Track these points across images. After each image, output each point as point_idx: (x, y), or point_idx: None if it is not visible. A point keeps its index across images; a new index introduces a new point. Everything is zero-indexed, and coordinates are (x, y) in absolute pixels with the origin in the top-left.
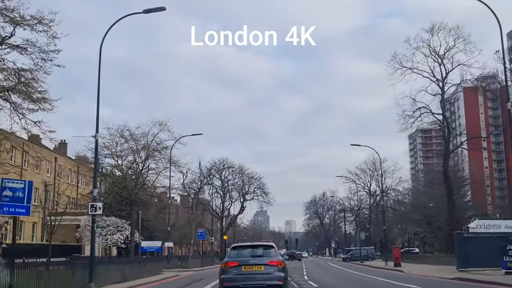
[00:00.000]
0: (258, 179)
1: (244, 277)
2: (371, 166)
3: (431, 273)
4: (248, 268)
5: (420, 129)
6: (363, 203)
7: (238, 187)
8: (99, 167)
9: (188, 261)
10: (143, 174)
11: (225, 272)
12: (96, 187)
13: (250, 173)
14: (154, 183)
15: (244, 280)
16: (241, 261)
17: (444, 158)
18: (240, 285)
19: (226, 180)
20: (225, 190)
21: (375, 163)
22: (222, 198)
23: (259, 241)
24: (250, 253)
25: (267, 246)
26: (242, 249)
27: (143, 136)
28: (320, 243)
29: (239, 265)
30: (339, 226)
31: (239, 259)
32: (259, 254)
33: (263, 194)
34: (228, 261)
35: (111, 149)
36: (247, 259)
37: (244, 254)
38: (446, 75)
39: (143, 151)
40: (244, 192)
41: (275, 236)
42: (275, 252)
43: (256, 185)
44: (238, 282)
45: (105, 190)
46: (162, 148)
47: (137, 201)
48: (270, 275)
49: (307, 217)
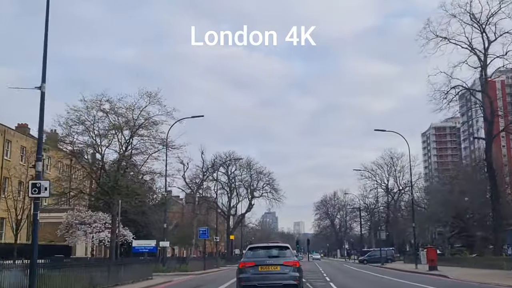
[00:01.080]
0: (268, 174)
1: (261, 276)
2: (389, 161)
3: (482, 279)
4: (264, 268)
5: (434, 126)
6: (380, 201)
7: (245, 183)
8: (72, 145)
9: (188, 264)
10: (126, 156)
11: (243, 272)
12: (40, 159)
13: (259, 168)
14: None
15: (261, 280)
16: (258, 261)
17: (487, 143)
18: (257, 284)
19: (233, 175)
20: (231, 186)
21: (393, 158)
22: (229, 195)
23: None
24: (266, 253)
25: (282, 247)
26: (258, 250)
27: (128, 110)
28: (331, 244)
29: (256, 265)
30: (350, 226)
31: (256, 259)
32: (275, 255)
33: (273, 190)
34: (245, 261)
35: (86, 125)
36: (263, 260)
37: (260, 254)
38: (488, 45)
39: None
40: (252, 188)
41: (284, 237)
42: (290, 253)
43: (265, 181)
44: (255, 281)
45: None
46: (151, 124)
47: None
48: (285, 275)
49: (317, 217)
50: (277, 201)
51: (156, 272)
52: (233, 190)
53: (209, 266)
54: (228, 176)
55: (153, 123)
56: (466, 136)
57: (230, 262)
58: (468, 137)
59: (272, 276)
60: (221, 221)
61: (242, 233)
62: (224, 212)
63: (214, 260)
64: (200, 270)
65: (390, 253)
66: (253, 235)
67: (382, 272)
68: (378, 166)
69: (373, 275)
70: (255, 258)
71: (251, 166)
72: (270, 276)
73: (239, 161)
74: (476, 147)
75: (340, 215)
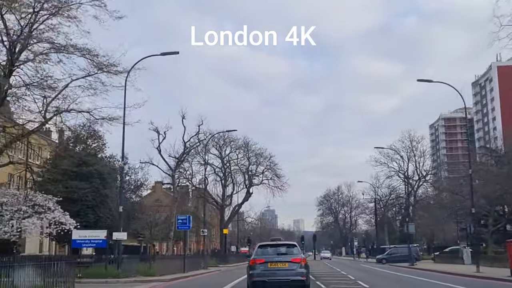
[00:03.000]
0: (269, 157)
1: (270, 272)
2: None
3: None
4: (273, 264)
5: (444, 117)
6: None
7: (243, 168)
8: None
9: (154, 264)
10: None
11: (253, 268)
12: None
13: (258, 150)
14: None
15: (270, 276)
16: (267, 258)
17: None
18: (267, 280)
19: (228, 159)
20: (226, 172)
21: (412, 141)
22: (223, 182)
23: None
24: (275, 251)
25: (290, 244)
26: (267, 248)
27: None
28: (334, 241)
29: (266, 262)
30: (356, 223)
31: (265, 256)
32: (283, 252)
33: (275, 177)
34: (256, 258)
35: None
36: (272, 257)
37: (270, 252)
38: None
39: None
40: (251, 174)
41: (284, 234)
42: (297, 251)
43: (265, 166)
44: (265, 277)
45: None
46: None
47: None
48: (293, 271)
49: (319, 213)
50: (279, 189)
51: (105, 277)
52: (228, 176)
53: (193, 267)
54: (222, 160)
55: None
56: (481, 127)
57: (224, 262)
58: (483, 127)
59: (280, 272)
60: (215, 214)
61: (238, 227)
62: (217, 203)
63: (201, 259)
64: (177, 273)
65: (414, 251)
66: (251, 230)
67: (436, 278)
68: (397, 151)
69: (441, 285)
70: (264, 255)
71: (249, 148)
72: (279, 272)
73: (236, 142)
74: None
75: (344, 210)
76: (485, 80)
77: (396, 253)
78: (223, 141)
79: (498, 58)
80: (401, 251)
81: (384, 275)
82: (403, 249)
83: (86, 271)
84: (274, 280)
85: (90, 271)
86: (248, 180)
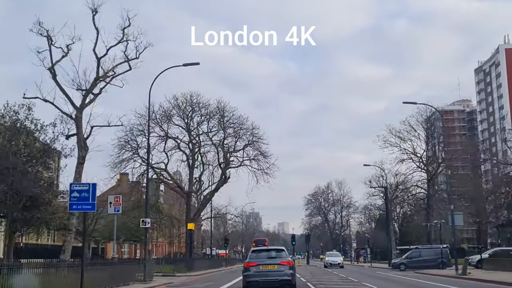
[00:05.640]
0: (251, 129)
1: (262, 273)
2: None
3: None
4: (264, 267)
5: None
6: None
7: (216, 143)
8: None
9: None
10: None
11: (248, 270)
12: None
13: (238, 119)
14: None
15: (262, 276)
16: (259, 261)
17: None
18: (259, 280)
19: (197, 132)
20: (194, 148)
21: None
22: (190, 162)
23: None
24: (266, 255)
25: (279, 249)
26: (259, 252)
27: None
28: (324, 243)
29: (258, 265)
30: (347, 223)
31: (258, 260)
32: (273, 256)
33: (260, 156)
34: (249, 261)
35: None
36: (264, 260)
37: (261, 256)
38: None
39: None
40: (227, 151)
41: (268, 236)
42: (285, 254)
43: (248, 140)
44: (258, 277)
45: None
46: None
47: None
48: (282, 272)
49: (307, 213)
50: (265, 173)
51: None
52: (197, 155)
53: (124, 278)
54: (189, 133)
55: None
56: (485, 117)
57: (189, 268)
58: (487, 118)
59: (271, 273)
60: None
61: (212, 223)
62: (181, 188)
63: (135, 267)
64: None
65: (444, 254)
66: (232, 230)
67: None
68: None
69: None
70: (257, 259)
71: (224, 116)
72: (269, 273)
73: (207, 108)
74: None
75: (335, 210)
76: (491, 65)
77: (418, 257)
78: (191, 108)
79: (506, 40)
80: (425, 253)
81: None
82: (427, 251)
83: None
84: (265, 280)
85: None
86: (224, 159)
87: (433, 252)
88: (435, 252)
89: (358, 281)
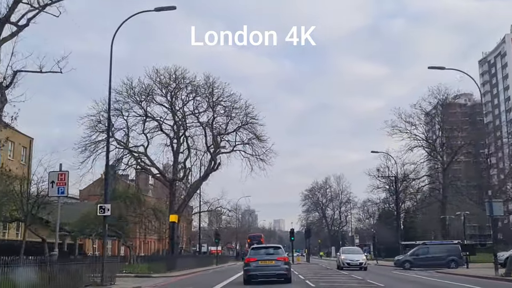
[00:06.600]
0: (245, 108)
1: (261, 268)
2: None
3: None
4: (263, 262)
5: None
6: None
7: (204, 124)
8: None
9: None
10: None
11: (248, 265)
12: None
13: (230, 97)
14: None
15: (261, 270)
16: (259, 257)
17: None
18: (258, 274)
19: (182, 112)
20: (179, 130)
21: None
22: (175, 146)
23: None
24: (264, 252)
25: (276, 247)
26: (259, 249)
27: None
28: (321, 240)
29: (257, 260)
30: (346, 219)
31: (257, 256)
32: (271, 252)
33: (255, 139)
34: (250, 257)
35: None
36: (262, 256)
37: (260, 252)
38: None
39: None
40: (217, 133)
41: (264, 232)
42: (282, 251)
43: (241, 121)
44: (257, 271)
45: None
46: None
47: None
48: (278, 267)
49: (304, 209)
50: (261, 159)
51: None
52: (182, 138)
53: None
54: (174, 113)
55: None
56: (490, 109)
57: (171, 268)
58: (492, 111)
59: (268, 267)
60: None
61: (200, 216)
62: (163, 176)
63: (90, 267)
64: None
65: (455, 251)
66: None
67: None
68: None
69: None
70: (256, 255)
71: (214, 93)
72: (267, 267)
73: (194, 82)
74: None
75: (333, 205)
76: (496, 56)
77: (426, 254)
78: (175, 84)
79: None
80: (433, 250)
81: None
82: (436, 247)
83: None
84: (264, 273)
85: None
86: (213, 142)
87: (444, 249)
88: (446, 249)
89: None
